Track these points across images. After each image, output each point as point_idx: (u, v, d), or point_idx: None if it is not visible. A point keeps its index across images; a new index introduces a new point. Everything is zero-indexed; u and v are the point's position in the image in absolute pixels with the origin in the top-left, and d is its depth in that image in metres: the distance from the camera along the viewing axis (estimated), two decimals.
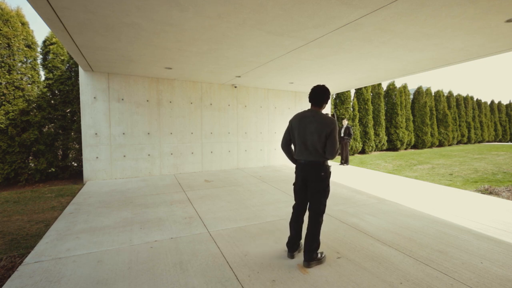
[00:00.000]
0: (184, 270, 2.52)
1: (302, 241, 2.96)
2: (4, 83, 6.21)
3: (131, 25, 3.54)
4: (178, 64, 5.72)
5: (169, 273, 2.47)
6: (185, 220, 3.84)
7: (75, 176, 7.36)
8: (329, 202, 4.74)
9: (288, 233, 3.34)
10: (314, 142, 2.48)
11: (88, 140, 6.50)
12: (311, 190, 2.57)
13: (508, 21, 3.35)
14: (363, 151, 14.07)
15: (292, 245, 2.75)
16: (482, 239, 3.22)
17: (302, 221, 2.75)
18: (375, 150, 14.73)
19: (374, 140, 14.18)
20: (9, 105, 6.26)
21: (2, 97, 6.20)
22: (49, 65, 6.99)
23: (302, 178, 2.63)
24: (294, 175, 2.73)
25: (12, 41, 6.20)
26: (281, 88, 9.02)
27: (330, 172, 2.57)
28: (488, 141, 22.96)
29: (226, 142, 8.31)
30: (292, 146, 2.82)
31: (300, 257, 2.75)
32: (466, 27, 3.56)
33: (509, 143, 22.35)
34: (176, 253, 2.85)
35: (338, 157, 11.88)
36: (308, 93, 2.56)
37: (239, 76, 6.98)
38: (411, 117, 15.96)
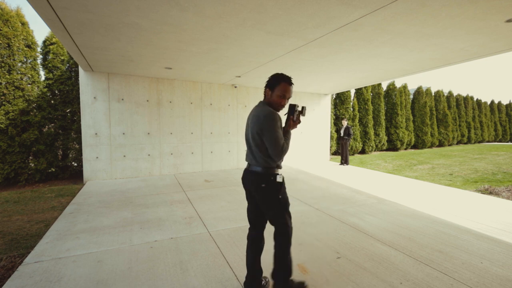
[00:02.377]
0: (184, 270, 2.52)
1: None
2: (4, 83, 6.21)
3: (130, 24, 3.54)
4: (178, 64, 5.72)
5: (169, 273, 2.47)
6: (185, 220, 3.84)
7: (75, 176, 7.35)
8: (329, 202, 4.74)
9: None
10: (255, 142, 2.00)
11: (88, 140, 6.50)
12: (260, 205, 2.07)
13: (508, 21, 3.35)
14: (363, 151, 14.07)
15: (249, 285, 2.13)
16: (482, 239, 3.22)
17: (259, 249, 2.16)
18: (375, 150, 14.73)
19: (374, 140, 14.18)
20: (9, 105, 6.26)
21: (2, 97, 6.20)
22: (49, 65, 6.99)
23: (246, 188, 2.17)
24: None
25: (12, 41, 6.20)
26: None
27: (279, 183, 2.00)
28: (488, 141, 22.96)
29: (226, 142, 8.31)
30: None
31: (300, 256, 2.75)
32: (466, 27, 3.56)
33: (509, 143, 22.35)
34: (176, 253, 2.85)
35: (338, 157, 11.87)
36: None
37: (239, 76, 6.98)
38: (411, 117, 15.95)
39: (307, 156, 9.98)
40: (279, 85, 1.99)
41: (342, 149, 9.43)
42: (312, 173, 7.54)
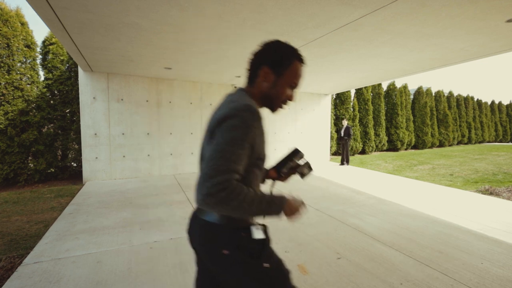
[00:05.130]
0: (184, 271, 2.51)
1: None
2: (3, 83, 6.20)
3: (130, 24, 3.53)
4: (178, 64, 5.71)
5: (168, 274, 2.46)
6: (185, 220, 3.83)
7: (75, 176, 7.34)
8: (329, 202, 4.73)
9: (289, 232, 3.33)
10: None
11: (88, 140, 6.49)
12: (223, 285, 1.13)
13: (508, 21, 3.35)
14: (363, 152, 14.06)
15: None
16: (482, 239, 3.21)
17: None
18: (375, 151, 14.71)
19: (374, 140, 14.16)
20: (8, 106, 6.25)
21: (2, 97, 6.19)
22: (49, 65, 6.98)
23: (193, 248, 1.22)
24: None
25: (12, 41, 6.19)
26: None
27: (258, 243, 1.05)
28: (489, 142, 22.95)
29: None
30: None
31: (300, 256, 2.74)
32: (466, 27, 3.56)
33: (510, 144, 22.35)
34: (176, 253, 2.84)
35: (338, 157, 11.86)
36: None
37: (239, 76, 6.97)
38: (411, 117, 15.94)
39: (307, 156, 9.97)
40: (292, 65, 1.10)
41: (342, 149, 9.44)
42: (312, 173, 7.50)
